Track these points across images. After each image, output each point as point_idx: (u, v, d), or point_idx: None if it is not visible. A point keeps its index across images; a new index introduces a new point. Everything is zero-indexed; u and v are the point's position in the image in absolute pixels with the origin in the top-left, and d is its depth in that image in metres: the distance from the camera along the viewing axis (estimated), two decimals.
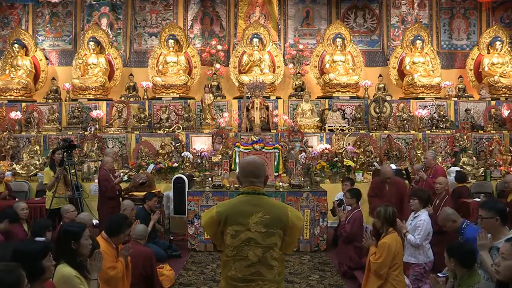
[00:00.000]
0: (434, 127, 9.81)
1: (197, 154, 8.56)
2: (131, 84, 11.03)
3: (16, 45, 10.91)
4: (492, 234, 3.18)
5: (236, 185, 6.78)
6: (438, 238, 4.65)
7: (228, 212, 2.51)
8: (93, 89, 10.66)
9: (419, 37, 10.95)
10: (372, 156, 8.89)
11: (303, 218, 5.10)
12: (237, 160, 7.34)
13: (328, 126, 9.57)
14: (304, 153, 8.50)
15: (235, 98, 10.60)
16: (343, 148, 8.84)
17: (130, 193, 7.09)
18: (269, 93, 10.45)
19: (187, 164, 8.47)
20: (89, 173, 8.53)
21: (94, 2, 11.70)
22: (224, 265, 2.53)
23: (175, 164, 8.50)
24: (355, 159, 8.73)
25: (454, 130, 9.64)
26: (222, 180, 6.89)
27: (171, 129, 9.64)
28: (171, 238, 6.57)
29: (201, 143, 9.26)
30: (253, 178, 2.59)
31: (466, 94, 10.87)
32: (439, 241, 4.59)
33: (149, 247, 4.99)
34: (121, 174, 7.31)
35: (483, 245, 3.11)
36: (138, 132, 9.67)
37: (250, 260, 2.43)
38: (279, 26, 11.71)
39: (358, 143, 9.11)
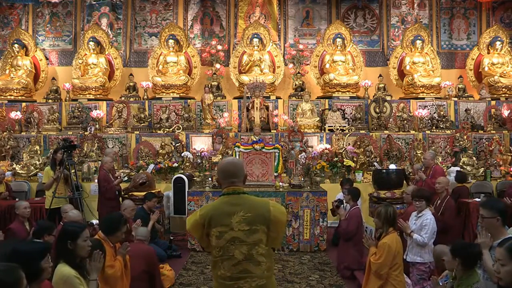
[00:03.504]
0: (434, 127, 9.80)
1: (197, 154, 8.56)
2: (131, 84, 11.03)
3: (16, 45, 10.91)
4: (492, 234, 3.17)
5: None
6: (441, 237, 4.68)
7: (211, 214, 2.53)
8: (93, 89, 10.65)
9: (419, 37, 10.95)
10: (372, 156, 8.89)
11: (286, 212, 4.89)
12: None
13: (328, 126, 9.56)
14: (304, 153, 8.49)
15: (235, 98, 10.59)
16: (343, 148, 8.83)
17: (130, 193, 7.08)
18: (269, 93, 10.44)
19: (187, 164, 8.46)
20: (89, 173, 8.52)
21: (94, 2, 11.69)
22: (213, 265, 2.57)
23: (175, 164, 8.50)
24: (355, 159, 8.72)
25: (454, 130, 9.63)
26: None
27: (171, 129, 9.63)
28: (171, 238, 6.57)
29: (201, 143, 9.26)
30: (233, 178, 2.61)
31: (466, 94, 10.86)
32: (442, 240, 4.59)
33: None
34: (121, 175, 7.30)
35: (483, 243, 3.11)
36: (138, 132, 9.66)
37: (236, 259, 2.47)
38: (279, 26, 11.70)
39: (358, 143, 9.10)
